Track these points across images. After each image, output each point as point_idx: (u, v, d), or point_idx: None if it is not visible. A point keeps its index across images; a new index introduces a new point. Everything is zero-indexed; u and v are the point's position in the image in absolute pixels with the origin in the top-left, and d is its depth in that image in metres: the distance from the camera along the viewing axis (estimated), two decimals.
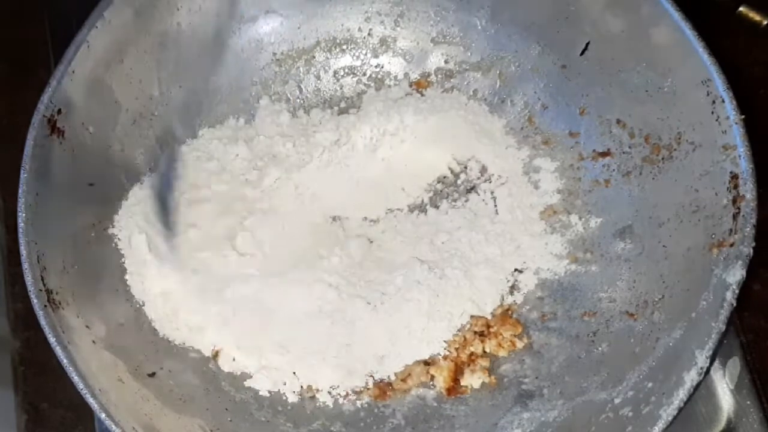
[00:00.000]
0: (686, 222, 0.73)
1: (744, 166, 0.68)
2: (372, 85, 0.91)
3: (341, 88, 0.91)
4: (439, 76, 0.91)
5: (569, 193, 0.84)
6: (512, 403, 0.75)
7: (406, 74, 0.91)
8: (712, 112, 0.71)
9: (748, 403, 0.76)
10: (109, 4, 0.75)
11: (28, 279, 0.67)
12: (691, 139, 0.74)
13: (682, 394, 0.63)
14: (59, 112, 0.73)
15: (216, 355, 0.78)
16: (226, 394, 0.77)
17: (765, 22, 0.85)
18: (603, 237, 0.81)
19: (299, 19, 0.89)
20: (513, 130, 0.88)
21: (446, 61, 0.91)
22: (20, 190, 0.69)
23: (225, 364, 0.78)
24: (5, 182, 0.86)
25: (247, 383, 0.77)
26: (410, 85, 0.91)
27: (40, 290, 0.67)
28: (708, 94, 0.71)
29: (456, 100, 0.88)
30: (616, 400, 0.69)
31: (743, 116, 0.69)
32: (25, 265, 0.68)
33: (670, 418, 0.62)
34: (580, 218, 0.82)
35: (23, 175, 0.70)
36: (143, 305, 0.77)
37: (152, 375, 0.74)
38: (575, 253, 0.81)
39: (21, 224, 0.69)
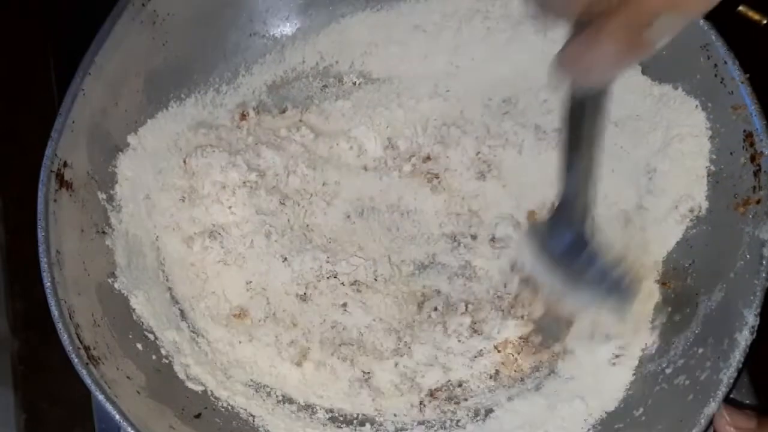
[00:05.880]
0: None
1: (757, 123, 0.69)
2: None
3: None
4: None
5: None
6: None
7: None
8: (716, 75, 0.72)
9: (747, 402, 0.76)
10: (99, 49, 0.74)
11: (65, 338, 0.66)
12: (695, 103, 0.75)
13: (738, 356, 0.63)
14: (65, 164, 0.71)
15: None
16: None
17: (764, 21, 0.87)
18: None
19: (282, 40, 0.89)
20: None
21: None
22: (40, 249, 0.68)
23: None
24: (5, 182, 0.84)
25: None
26: None
27: (79, 348, 0.66)
28: (708, 58, 0.72)
29: None
30: (668, 371, 0.69)
31: (748, 75, 0.70)
32: (59, 325, 0.66)
33: (731, 381, 0.63)
34: None
35: (41, 234, 0.68)
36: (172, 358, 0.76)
37: (198, 416, 0.73)
38: None
39: (48, 284, 0.67)
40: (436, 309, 0.79)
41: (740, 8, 0.87)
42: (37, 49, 0.92)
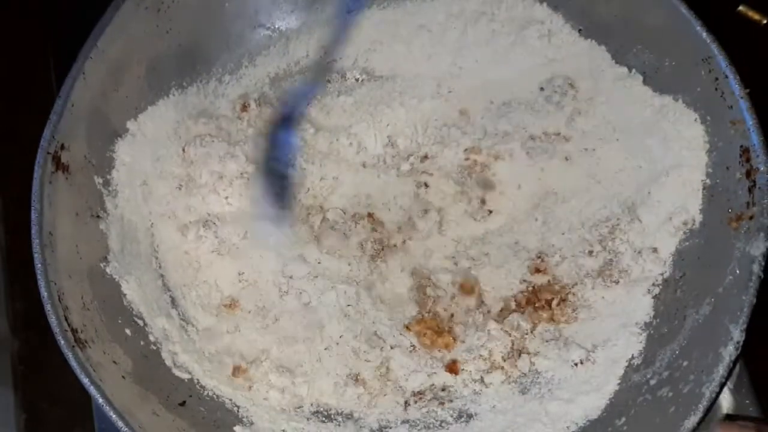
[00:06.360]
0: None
1: (755, 139, 0.68)
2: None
3: None
4: None
5: None
6: None
7: None
8: (716, 89, 0.71)
9: (747, 402, 0.77)
10: (102, 33, 0.74)
11: (53, 320, 0.66)
12: (695, 116, 0.75)
13: (722, 370, 0.63)
14: (62, 147, 0.71)
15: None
16: None
17: (764, 21, 0.86)
18: None
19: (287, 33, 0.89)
20: None
21: None
22: (33, 230, 0.68)
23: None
24: (5, 182, 0.85)
25: None
26: None
27: (66, 330, 0.66)
28: (710, 72, 0.72)
29: None
30: (652, 382, 0.69)
31: (748, 90, 0.70)
32: (48, 306, 0.66)
33: (713, 395, 0.63)
34: None
35: (34, 215, 0.68)
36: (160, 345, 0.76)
37: (183, 404, 0.73)
38: None
39: (39, 265, 0.67)
40: None
41: (740, 8, 0.87)
42: (37, 49, 0.92)
